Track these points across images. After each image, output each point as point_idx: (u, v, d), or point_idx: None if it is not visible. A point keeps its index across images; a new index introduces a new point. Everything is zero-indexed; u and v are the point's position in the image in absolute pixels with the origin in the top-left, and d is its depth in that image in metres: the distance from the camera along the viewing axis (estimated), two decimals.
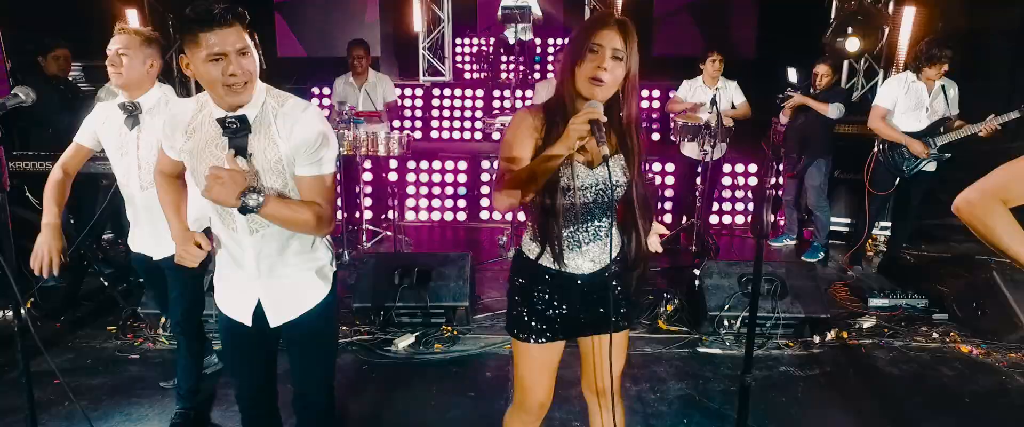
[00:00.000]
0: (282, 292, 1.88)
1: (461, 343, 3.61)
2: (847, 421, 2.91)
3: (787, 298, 3.62)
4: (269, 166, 1.74)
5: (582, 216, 1.76)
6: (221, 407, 2.94)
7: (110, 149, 2.47)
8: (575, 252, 1.79)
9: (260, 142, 1.72)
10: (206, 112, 1.75)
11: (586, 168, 1.72)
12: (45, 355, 2.35)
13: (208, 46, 1.60)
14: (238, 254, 1.86)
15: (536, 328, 1.83)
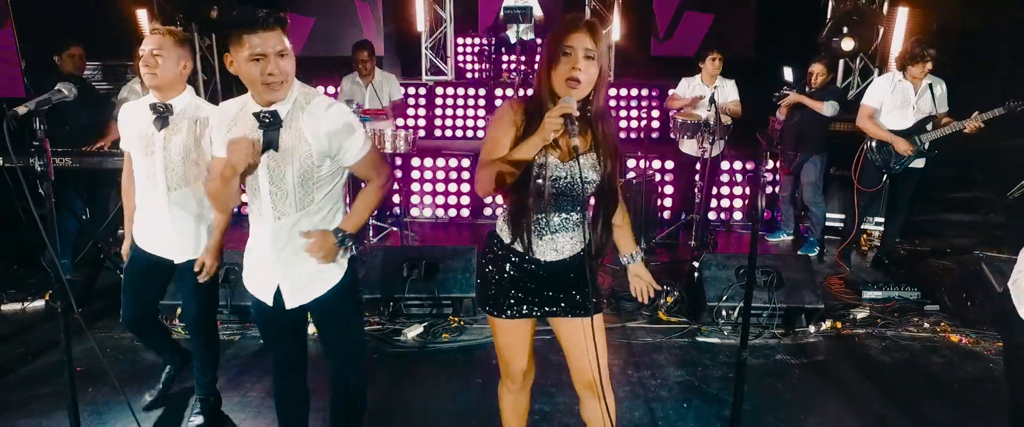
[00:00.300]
0: (299, 276, 2.01)
1: (467, 333, 3.74)
2: (839, 405, 3.04)
3: (782, 289, 3.74)
4: (297, 158, 1.89)
5: (552, 206, 1.86)
6: (232, 399, 3.05)
7: (134, 148, 2.52)
8: (543, 240, 1.89)
9: (290, 136, 1.89)
10: (247, 109, 1.92)
11: (558, 161, 1.82)
12: (91, 339, 2.45)
13: (251, 47, 1.77)
14: (261, 240, 1.99)
15: (504, 304, 1.95)
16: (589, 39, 1.73)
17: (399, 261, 3.85)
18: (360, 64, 5.22)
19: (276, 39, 1.79)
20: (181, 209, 2.53)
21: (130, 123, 2.53)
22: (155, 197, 2.51)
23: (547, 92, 1.77)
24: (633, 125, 7.44)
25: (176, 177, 2.48)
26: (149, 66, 2.38)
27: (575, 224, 1.90)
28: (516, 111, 1.82)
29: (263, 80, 1.80)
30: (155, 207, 2.54)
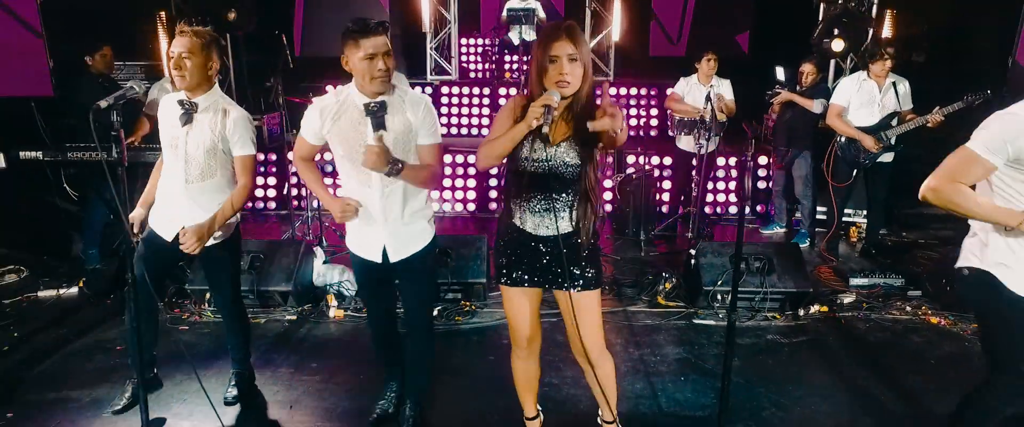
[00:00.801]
0: (402, 237, 2.50)
1: (479, 316, 3.98)
2: (825, 379, 3.29)
3: (774, 275, 3.99)
4: (399, 138, 2.37)
5: (537, 185, 2.13)
6: (264, 374, 3.29)
7: (164, 142, 2.67)
8: (534, 216, 2.18)
9: (393, 121, 2.34)
10: (348, 101, 2.38)
11: (542, 145, 2.08)
12: (128, 322, 2.67)
13: (364, 49, 2.23)
14: (372, 209, 2.45)
15: (509, 274, 2.27)
16: (570, 45, 1.98)
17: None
18: None
19: (383, 42, 2.26)
20: (196, 202, 2.65)
21: (163, 118, 2.69)
22: (175, 189, 2.67)
23: (539, 91, 2.03)
24: (632, 123, 7.68)
25: (195, 171, 2.62)
26: (179, 69, 2.52)
27: (565, 204, 2.16)
28: (517, 105, 2.12)
29: (372, 74, 2.25)
30: (174, 199, 2.67)
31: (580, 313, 2.24)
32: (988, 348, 2.20)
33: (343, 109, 2.38)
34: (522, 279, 2.26)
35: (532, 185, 2.13)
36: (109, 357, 3.43)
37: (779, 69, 6.25)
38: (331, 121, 2.39)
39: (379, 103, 2.28)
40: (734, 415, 2.91)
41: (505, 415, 2.83)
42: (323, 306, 4.06)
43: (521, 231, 2.21)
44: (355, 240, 2.56)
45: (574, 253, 2.19)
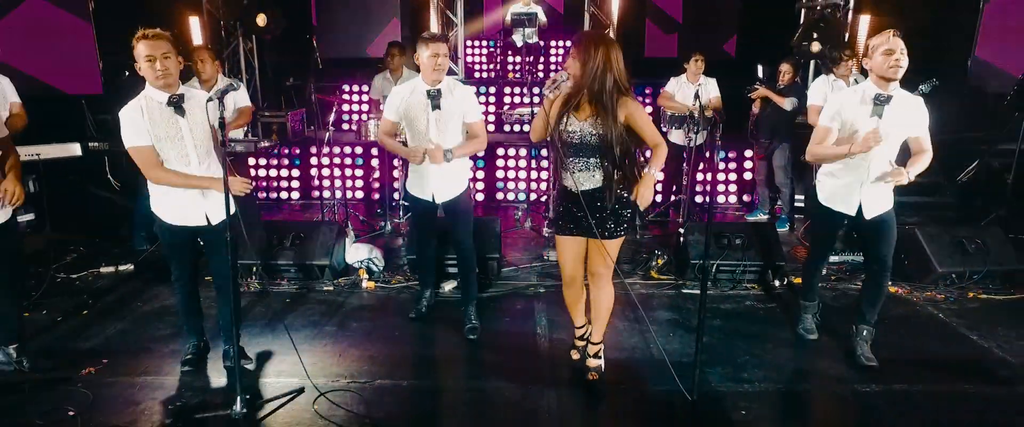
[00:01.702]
0: (447, 183, 3.56)
1: (494, 287, 4.53)
2: (791, 336, 3.83)
3: (751, 250, 4.55)
4: (452, 115, 3.44)
5: (573, 151, 2.83)
6: (311, 333, 3.83)
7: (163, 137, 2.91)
8: (575, 175, 2.86)
9: (447, 102, 3.41)
10: (415, 90, 3.44)
11: (575, 120, 2.80)
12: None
13: (431, 50, 3.30)
14: (427, 167, 3.49)
15: (561, 225, 3.02)
16: (574, 51, 2.77)
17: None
18: (392, 59, 5.98)
19: (444, 47, 3.33)
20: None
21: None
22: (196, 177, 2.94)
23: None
24: None
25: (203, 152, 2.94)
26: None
27: (595, 166, 2.82)
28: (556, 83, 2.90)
29: (434, 66, 3.32)
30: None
31: (599, 250, 2.98)
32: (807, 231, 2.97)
33: (413, 93, 3.44)
34: (568, 229, 2.98)
35: (570, 151, 2.84)
36: (175, 319, 3.97)
37: (760, 67, 6.81)
38: (405, 102, 3.44)
39: (437, 90, 3.36)
40: (715, 360, 3.46)
41: (512, 356, 3.37)
42: (356, 279, 4.61)
43: (568, 190, 2.91)
44: (413, 186, 3.64)
45: (601, 205, 2.87)
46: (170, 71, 2.79)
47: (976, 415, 2.98)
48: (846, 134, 3.18)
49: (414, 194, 3.65)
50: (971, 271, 4.49)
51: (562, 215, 3.00)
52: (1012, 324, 3.96)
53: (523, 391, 3.14)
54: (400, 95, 3.49)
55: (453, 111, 3.44)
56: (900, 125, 3.10)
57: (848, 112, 3.15)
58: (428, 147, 3.44)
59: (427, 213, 3.74)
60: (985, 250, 4.56)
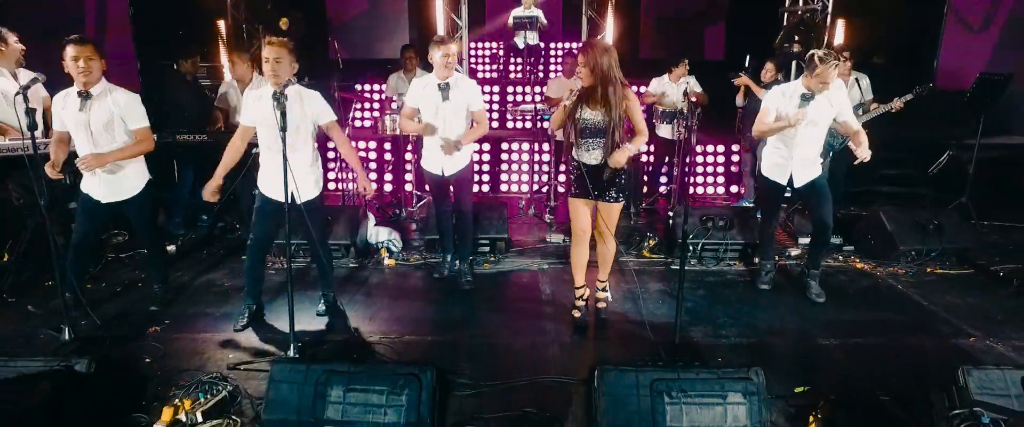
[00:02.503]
0: (455, 161, 4.25)
1: (502, 265, 5.04)
2: (767, 301, 4.34)
3: (734, 230, 5.07)
4: (459, 105, 4.10)
5: (585, 135, 3.56)
6: (344, 301, 4.34)
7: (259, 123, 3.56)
8: (583, 152, 3.53)
9: (455, 94, 4.10)
10: (429, 84, 4.14)
11: (588, 111, 3.51)
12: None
13: (442, 51, 4.00)
14: (436, 144, 4.20)
15: (574, 191, 3.70)
16: (582, 58, 3.42)
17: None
18: (407, 60, 6.50)
19: (453, 48, 4.05)
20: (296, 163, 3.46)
21: (256, 107, 3.55)
22: (276, 158, 3.36)
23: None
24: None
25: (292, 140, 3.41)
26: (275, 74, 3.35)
27: (597, 146, 3.47)
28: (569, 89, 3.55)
29: (445, 64, 4.02)
30: (277, 165, 3.36)
31: (604, 213, 3.66)
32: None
33: (427, 87, 4.16)
34: (577, 193, 3.68)
35: (582, 134, 3.56)
36: (222, 290, 4.48)
37: (748, 57, 7.34)
38: (421, 93, 4.17)
39: (446, 83, 4.08)
40: (697, 322, 3.99)
41: (520, 318, 3.89)
42: (377, 258, 5.12)
43: (578, 163, 3.59)
44: (427, 162, 4.36)
45: (606, 175, 3.54)
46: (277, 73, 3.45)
47: (916, 360, 3.50)
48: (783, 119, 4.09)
49: (428, 169, 4.39)
50: (929, 248, 5.02)
51: (575, 183, 3.67)
52: (959, 293, 4.49)
53: (531, 341, 3.67)
54: (418, 87, 4.23)
55: (460, 101, 4.13)
56: (823, 113, 4.04)
57: (783, 106, 4.11)
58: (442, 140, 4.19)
59: (440, 185, 4.43)
60: (941, 230, 5.08)
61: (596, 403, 2.59)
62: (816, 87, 3.93)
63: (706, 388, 2.55)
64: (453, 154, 4.21)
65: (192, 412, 2.75)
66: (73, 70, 3.46)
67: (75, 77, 3.50)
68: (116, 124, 3.62)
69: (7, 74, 4.36)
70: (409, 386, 2.54)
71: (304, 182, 3.52)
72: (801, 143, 4.11)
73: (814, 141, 4.13)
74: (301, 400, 2.55)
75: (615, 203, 3.65)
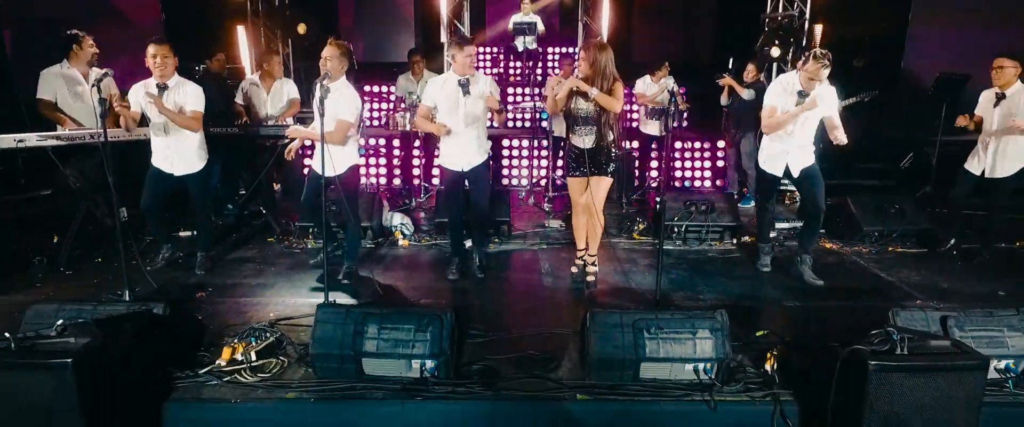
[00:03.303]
0: (473, 153, 4.46)
1: (506, 244, 5.57)
2: (742, 274, 4.87)
3: (715, 213, 5.60)
4: (478, 98, 4.37)
5: (579, 122, 4.14)
6: (363, 270, 4.86)
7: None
8: (580, 137, 4.06)
9: (473, 88, 4.23)
10: (449, 81, 4.26)
11: (582, 102, 3.99)
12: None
13: (465, 52, 4.24)
14: (457, 140, 4.42)
15: (572, 170, 4.15)
16: (584, 54, 4.00)
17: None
18: (414, 64, 7.04)
19: (473, 49, 4.33)
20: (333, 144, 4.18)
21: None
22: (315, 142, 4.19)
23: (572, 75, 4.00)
24: None
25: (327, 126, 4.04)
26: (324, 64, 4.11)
27: (592, 131, 4.02)
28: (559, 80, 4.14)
29: (470, 62, 4.30)
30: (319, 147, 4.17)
31: (594, 187, 4.20)
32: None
33: (446, 84, 4.37)
34: (574, 172, 4.29)
35: (578, 121, 4.16)
36: (252, 264, 5.00)
37: (731, 59, 7.91)
38: (440, 90, 4.36)
39: (466, 79, 4.28)
40: (678, 289, 4.51)
41: (523, 286, 4.42)
42: (392, 239, 5.64)
43: (574, 146, 4.22)
44: (446, 159, 4.58)
45: (596, 156, 4.11)
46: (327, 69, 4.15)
47: (868, 317, 3.97)
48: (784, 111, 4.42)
49: (446, 165, 4.59)
50: (889, 229, 5.56)
51: (573, 164, 4.30)
52: (914, 267, 5.03)
53: (533, 304, 4.21)
54: (435, 86, 4.43)
55: (477, 94, 4.45)
56: (817, 110, 4.33)
57: (783, 101, 4.44)
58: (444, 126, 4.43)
59: (456, 181, 4.63)
60: (903, 214, 5.63)
61: (588, 339, 3.11)
62: (805, 82, 4.28)
63: (679, 325, 3.07)
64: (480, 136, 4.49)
65: (246, 352, 3.26)
66: (151, 65, 4.23)
67: (153, 71, 4.27)
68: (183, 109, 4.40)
69: (78, 72, 4.91)
70: (433, 324, 3.06)
71: (339, 159, 4.15)
72: (797, 134, 4.45)
73: (809, 132, 4.47)
74: (342, 337, 3.06)
75: (604, 177, 4.26)
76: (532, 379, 3.16)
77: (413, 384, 3.05)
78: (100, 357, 2.49)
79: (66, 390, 2.37)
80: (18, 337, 2.47)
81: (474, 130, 4.44)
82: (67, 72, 4.92)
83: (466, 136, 4.42)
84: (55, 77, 4.90)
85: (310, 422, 2.97)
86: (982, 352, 2.92)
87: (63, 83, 4.90)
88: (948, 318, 3.11)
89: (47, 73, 4.90)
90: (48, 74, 4.90)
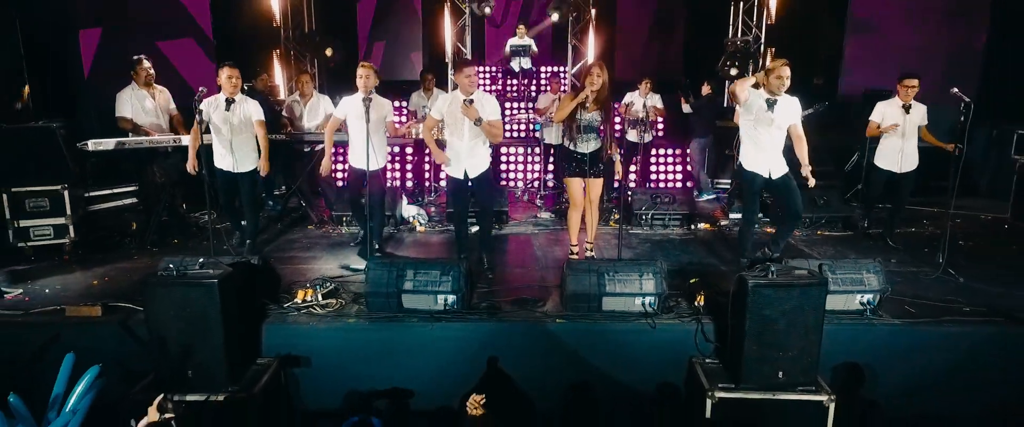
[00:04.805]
0: (476, 164, 5.16)
1: (507, 230, 6.78)
2: (698, 252, 6.07)
3: (675, 204, 6.83)
4: (482, 113, 4.98)
5: (583, 130, 5.02)
6: (388, 249, 6.05)
7: (351, 118, 5.38)
8: (581, 144, 5.06)
9: (478, 105, 4.98)
10: (455, 98, 5.06)
11: (587, 114, 4.99)
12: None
13: (466, 73, 4.98)
14: (460, 151, 5.13)
15: (572, 171, 5.13)
16: (599, 71, 4.92)
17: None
18: (427, 81, 8.28)
19: (473, 69, 4.98)
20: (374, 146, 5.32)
21: (349, 107, 5.37)
22: (362, 141, 5.19)
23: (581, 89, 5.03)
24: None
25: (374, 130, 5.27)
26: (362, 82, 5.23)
27: (594, 139, 5.05)
28: (571, 94, 5.11)
29: (470, 85, 4.95)
30: (362, 144, 5.28)
31: (591, 186, 5.19)
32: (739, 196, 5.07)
33: (454, 101, 5.09)
34: (574, 172, 5.15)
35: (581, 130, 5.02)
36: (302, 243, 6.19)
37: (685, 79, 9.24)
38: (447, 106, 5.14)
39: (471, 98, 5.00)
40: (642, 261, 5.71)
41: (519, 259, 5.62)
42: (411, 226, 6.85)
43: (575, 151, 5.08)
44: (452, 169, 5.23)
45: (595, 160, 5.10)
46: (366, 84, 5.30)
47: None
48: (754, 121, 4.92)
49: (452, 175, 5.23)
50: (817, 216, 6.79)
51: (572, 166, 5.13)
52: (832, 245, 6.26)
53: (526, 271, 5.40)
54: (445, 101, 5.18)
55: (483, 110, 5.36)
56: (784, 117, 4.93)
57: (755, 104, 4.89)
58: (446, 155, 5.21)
59: (461, 190, 5.28)
60: (829, 204, 6.86)
61: (565, 281, 4.32)
62: (775, 84, 4.73)
63: (630, 270, 4.28)
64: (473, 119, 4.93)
65: (315, 295, 4.45)
66: (225, 83, 5.29)
67: (225, 87, 5.32)
68: (247, 121, 5.51)
69: (143, 90, 6.09)
70: (453, 270, 4.25)
71: (375, 156, 5.27)
72: (770, 142, 4.91)
73: (780, 140, 4.96)
74: (388, 280, 4.25)
75: (598, 178, 5.20)
76: (524, 311, 4.36)
77: (438, 313, 4.24)
78: (230, 283, 3.68)
79: (212, 301, 3.55)
80: (178, 269, 3.67)
81: (476, 142, 5.09)
82: (134, 91, 6.05)
83: (469, 148, 5.10)
84: (127, 97, 6.03)
85: (365, 339, 4.16)
86: (848, 289, 4.16)
87: (134, 100, 6.03)
88: (823, 265, 4.32)
89: (121, 95, 6.01)
90: (121, 95, 6.01)
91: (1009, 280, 5.10)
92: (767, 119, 4.89)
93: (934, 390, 4.21)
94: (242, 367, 3.83)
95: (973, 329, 4.22)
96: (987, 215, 7.64)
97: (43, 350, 4.05)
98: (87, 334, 4.14)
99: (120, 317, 4.22)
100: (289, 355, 4.11)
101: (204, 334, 3.59)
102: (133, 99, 6.01)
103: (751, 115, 4.95)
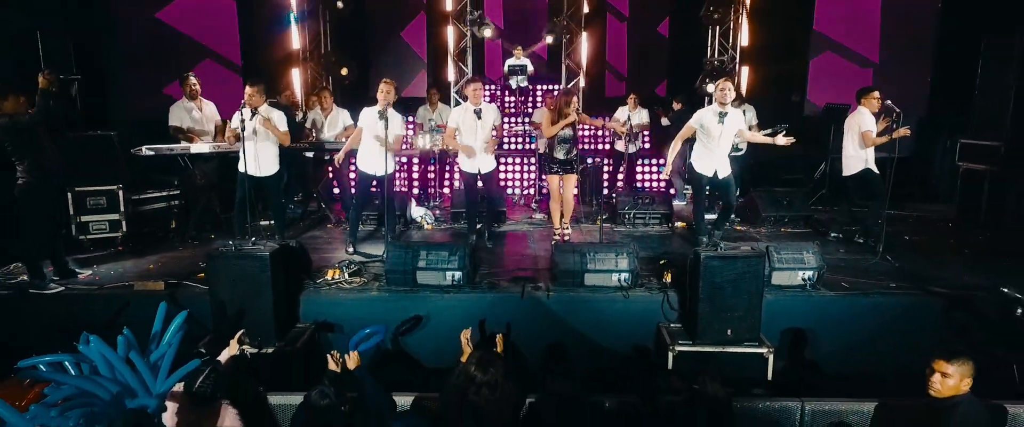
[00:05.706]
0: (485, 161, 6.25)
1: (504, 227, 7.60)
2: (677, 245, 6.90)
3: (655, 206, 7.67)
4: (488, 121, 6.08)
5: (560, 142, 6.08)
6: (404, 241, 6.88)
7: (368, 126, 6.23)
8: (559, 153, 6.12)
9: (484, 116, 6.05)
10: (467, 110, 6.11)
11: (564, 131, 6.03)
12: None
13: (473, 87, 6.09)
14: (475, 150, 6.15)
15: (553, 171, 6.21)
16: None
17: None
18: (432, 97, 9.16)
19: (478, 83, 6.17)
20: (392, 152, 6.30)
21: (367, 117, 6.22)
22: (378, 147, 6.12)
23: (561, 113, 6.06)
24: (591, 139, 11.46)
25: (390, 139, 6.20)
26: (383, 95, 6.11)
27: (571, 149, 6.10)
28: (552, 111, 6.15)
29: (479, 95, 6.03)
30: (379, 151, 6.20)
31: (566, 181, 6.20)
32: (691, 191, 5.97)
33: (466, 112, 6.16)
34: (553, 172, 6.23)
35: (560, 142, 6.13)
36: (324, 237, 7.01)
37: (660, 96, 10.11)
38: (461, 116, 6.19)
39: (479, 109, 6.03)
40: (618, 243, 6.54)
41: (515, 248, 6.45)
42: (420, 224, 7.69)
43: (557, 157, 6.18)
44: (464, 164, 6.34)
45: (570, 162, 6.14)
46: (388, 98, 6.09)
47: None
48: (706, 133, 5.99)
49: (465, 169, 6.41)
50: (781, 214, 7.63)
51: (553, 167, 6.32)
52: (792, 240, 7.07)
53: (522, 258, 6.22)
54: (458, 112, 6.29)
55: (487, 121, 6.29)
56: (732, 127, 5.98)
57: (706, 121, 5.98)
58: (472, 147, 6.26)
59: (474, 180, 6.44)
60: (792, 204, 7.71)
61: (553, 260, 5.14)
62: (719, 97, 5.85)
63: (607, 250, 5.11)
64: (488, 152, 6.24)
65: (342, 274, 5.27)
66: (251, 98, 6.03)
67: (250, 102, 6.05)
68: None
69: (192, 103, 6.97)
70: (459, 251, 5.08)
71: (390, 163, 6.14)
72: (720, 148, 6.02)
73: (727, 146, 6.07)
74: (405, 259, 5.07)
75: (571, 174, 6.33)
76: (518, 286, 5.18)
77: (447, 287, 5.05)
78: (278, 257, 4.50)
79: (264, 271, 4.37)
80: (236, 245, 4.49)
81: (486, 141, 6.28)
82: (184, 104, 6.96)
83: (480, 149, 6.27)
84: (178, 108, 6.95)
85: (386, 307, 4.98)
86: (791, 266, 4.99)
87: (183, 112, 6.93)
88: (769, 246, 5.16)
89: (174, 107, 6.93)
90: (174, 107, 6.93)
91: (939, 264, 5.93)
92: (718, 130, 5.93)
93: (864, 351, 5.02)
94: (287, 327, 4.64)
95: (895, 299, 5.05)
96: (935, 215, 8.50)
97: (115, 317, 4.86)
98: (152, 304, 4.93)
99: (178, 292, 5.03)
100: (324, 321, 4.92)
101: (256, 297, 4.40)
102: (182, 110, 6.88)
103: (704, 127, 5.97)
